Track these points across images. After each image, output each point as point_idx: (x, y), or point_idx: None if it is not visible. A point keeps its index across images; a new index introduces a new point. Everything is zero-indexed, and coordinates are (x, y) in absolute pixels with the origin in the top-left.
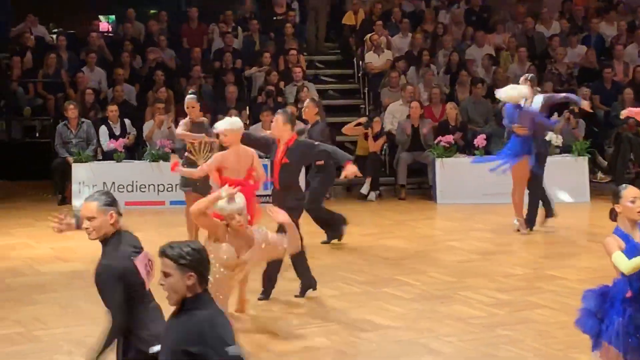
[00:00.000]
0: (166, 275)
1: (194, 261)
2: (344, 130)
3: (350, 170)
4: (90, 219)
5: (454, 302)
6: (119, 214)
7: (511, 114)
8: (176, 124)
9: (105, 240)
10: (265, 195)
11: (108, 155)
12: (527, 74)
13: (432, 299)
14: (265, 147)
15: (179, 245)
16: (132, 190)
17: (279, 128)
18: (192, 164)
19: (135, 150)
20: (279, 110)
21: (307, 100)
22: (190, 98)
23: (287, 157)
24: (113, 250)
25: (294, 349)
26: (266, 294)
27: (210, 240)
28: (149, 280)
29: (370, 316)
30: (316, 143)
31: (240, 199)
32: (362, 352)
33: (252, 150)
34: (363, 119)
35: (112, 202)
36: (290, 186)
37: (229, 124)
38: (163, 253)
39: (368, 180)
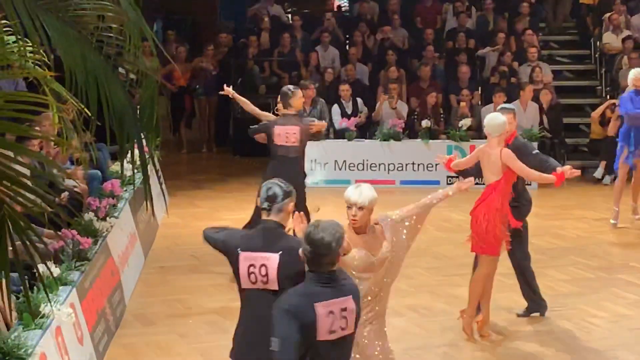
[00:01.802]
0: None
1: (305, 242)
2: (594, 114)
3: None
4: None
5: None
6: None
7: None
8: (408, 104)
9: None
10: None
11: (339, 134)
12: None
13: None
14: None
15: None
16: (363, 169)
17: (512, 124)
18: None
19: (366, 129)
20: (506, 108)
21: (295, 89)
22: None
23: None
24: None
25: (523, 334)
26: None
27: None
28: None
29: (604, 302)
30: (534, 147)
31: (367, 190)
32: (594, 339)
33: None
34: (615, 101)
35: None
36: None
37: (488, 118)
38: None
39: (602, 164)
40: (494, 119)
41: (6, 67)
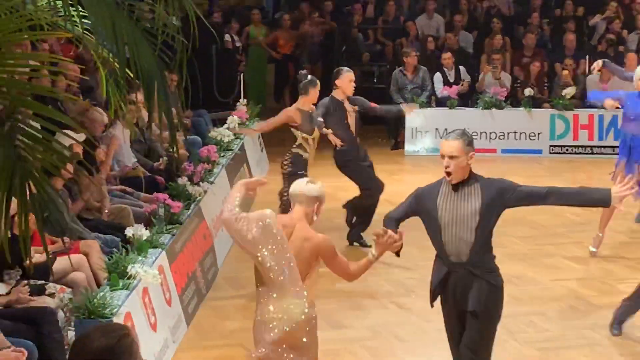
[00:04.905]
0: None
1: None
2: None
3: None
4: (452, 157)
5: None
6: None
7: None
8: (511, 72)
9: (459, 184)
10: None
11: (441, 102)
12: None
13: None
14: None
15: None
16: None
17: None
18: (298, 163)
19: (468, 98)
20: None
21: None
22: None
23: None
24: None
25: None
26: None
27: None
28: None
29: None
30: None
31: None
32: None
33: None
34: None
35: (472, 142)
36: None
37: None
38: None
39: None
40: None
41: (44, 27)
